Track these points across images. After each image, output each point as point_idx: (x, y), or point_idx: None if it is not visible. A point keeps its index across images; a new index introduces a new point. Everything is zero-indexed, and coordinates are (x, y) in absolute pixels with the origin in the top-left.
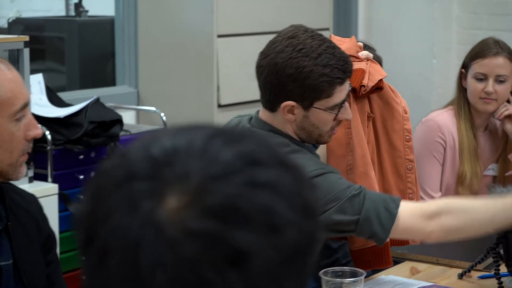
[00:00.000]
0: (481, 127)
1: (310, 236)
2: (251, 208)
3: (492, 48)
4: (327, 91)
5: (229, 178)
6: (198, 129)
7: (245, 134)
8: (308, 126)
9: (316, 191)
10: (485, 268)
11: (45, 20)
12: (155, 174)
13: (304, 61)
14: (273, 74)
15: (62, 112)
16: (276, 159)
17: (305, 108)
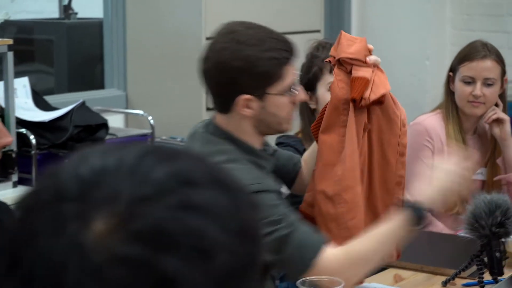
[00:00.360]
0: (470, 131)
1: (247, 261)
2: (181, 232)
3: (480, 51)
4: (277, 74)
5: (160, 199)
6: (130, 147)
7: (180, 152)
8: (267, 117)
9: (258, 210)
10: (469, 276)
11: (34, 23)
12: (83, 196)
13: (248, 50)
14: (221, 73)
15: (47, 116)
16: (213, 178)
17: (260, 98)
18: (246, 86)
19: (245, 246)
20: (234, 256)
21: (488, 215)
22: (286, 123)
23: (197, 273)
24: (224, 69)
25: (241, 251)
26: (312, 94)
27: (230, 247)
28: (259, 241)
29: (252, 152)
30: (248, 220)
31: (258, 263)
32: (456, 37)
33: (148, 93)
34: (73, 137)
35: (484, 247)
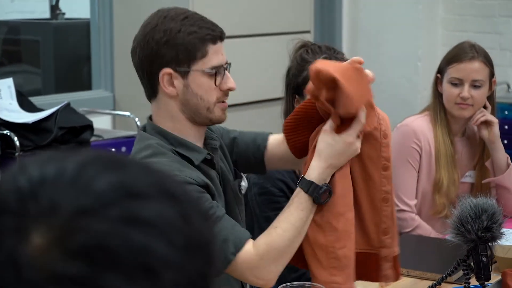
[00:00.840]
0: (458, 133)
1: (196, 276)
2: (124, 248)
3: (468, 52)
4: (200, 50)
5: (102, 212)
6: (72, 156)
7: (126, 161)
8: (191, 98)
9: (208, 221)
10: (456, 280)
11: (21, 23)
12: (21, 208)
13: (170, 23)
14: (144, 46)
15: (31, 118)
16: (160, 189)
17: (183, 75)
18: (167, 59)
19: (194, 261)
20: (182, 272)
21: (474, 219)
22: (218, 111)
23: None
24: (146, 42)
25: (190, 267)
26: (301, 98)
27: (178, 264)
28: (210, 255)
29: (180, 144)
30: (198, 233)
31: (209, 277)
32: (448, 38)
33: (135, 94)
34: (58, 138)
35: (471, 251)
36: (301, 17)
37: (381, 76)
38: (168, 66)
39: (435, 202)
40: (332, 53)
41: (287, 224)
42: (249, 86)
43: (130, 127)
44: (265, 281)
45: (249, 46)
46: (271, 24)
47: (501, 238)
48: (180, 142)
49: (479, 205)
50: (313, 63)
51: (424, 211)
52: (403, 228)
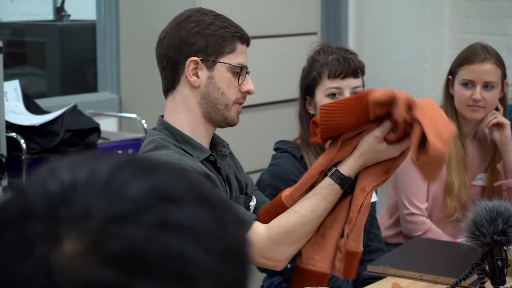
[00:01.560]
0: (470, 135)
1: (232, 284)
2: (159, 255)
3: (480, 53)
4: (229, 45)
5: (136, 218)
6: (103, 159)
7: (159, 165)
8: (213, 91)
9: (243, 226)
10: (470, 285)
11: (26, 25)
12: (52, 213)
13: (203, 16)
14: (175, 34)
15: (37, 120)
16: (195, 194)
17: (209, 66)
18: (197, 48)
19: (231, 268)
20: (219, 280)
21: (489, 222)
22: (234, 112)
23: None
24: (178, 31)
25: (226, 273)
26: (311, 99)
27: (214, 270)
28: (246, 261)
29: (185, 141)
30: (234, 239)
31: (244, 283)
32: (455, 39)
33: (141, 96)
34: (64, 141)
35: (486, 255)
36: (307, 18)
37: (387, 77)
38: (196, 55)
39: (446, 206)
40: (343, 53)
41: (309, 211)
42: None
43: (137, 130)
44: (275, 262)
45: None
46: (278, 26)
47: None
48: (185, 139)
49: (495, 208)
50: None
51: (435, 214)
52: (414, 231)
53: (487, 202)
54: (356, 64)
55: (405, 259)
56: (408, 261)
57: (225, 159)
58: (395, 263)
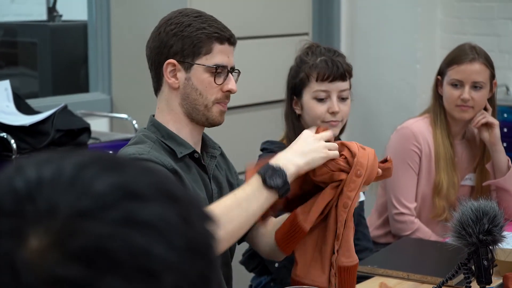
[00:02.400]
0: (458, 135)
1: (197, 280)
2: (123, 250)
3: (469, 54)
4: (205, 46)
5: (101, 214)
6: (70, 156)
7: (125, 162)
8: (191, 92)
9: (210, 222)
10: (457, 284)
11: (18, 25)
12: (17, 210)
13: (183, 18)
14: (157, 37)
15: (28, 120)
16: (160, 190)
17: (187, 68)
18: (174, 50)
19: (195, 264)
20: (183, 275)
21: (475, 222)
22: (216, 111)
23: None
24: (158, 34)
25: (191, 269)
26: (298, 99)
27: (178, 266)
28: (211, 257)
29: (170, 137)
30: (199, 235)
31: (210, 281)
32: (447, 40)
33: (133, 96)
34: (55, 141)
35: (472, 255)
36: (299, 19)
37: (380, 79)
38: (174, 57)
39: (435, 205)
40: (331, 55)
41: (231, 195)
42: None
43: (128, 130)
44: None
45: (247, 48)
46: (269, 26)
47: (502, 241)
48: (170, 135)
49: (480, 208)
50: (311, 64)
51: (424, 214)
52: (403, 231)
53: (473, 201)
54: (344, 67)
55: (392, 259)
56: (396, 260)
57: (213, 160)
58: (382, 262)
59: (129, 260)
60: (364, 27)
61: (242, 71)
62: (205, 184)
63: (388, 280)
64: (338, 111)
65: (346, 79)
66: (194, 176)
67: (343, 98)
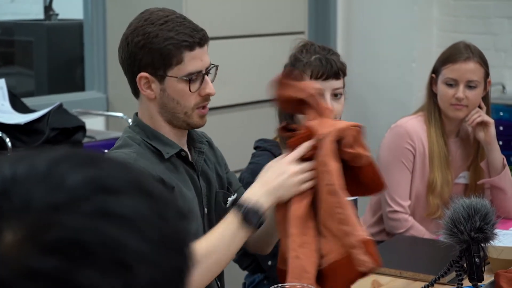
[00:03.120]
0: (452, 133)
1: (171, 273)
2: (97, 242)
3: (463, 52)
4: (175, 57)
5: (75, 207)
6: (44, 153)
7: (99, 158)
8: (168, 102)
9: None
10: (449, 282)
11: (14, 24)
12: None
13: (149, 27)
14: (125, 48)
15: (23, 119)
16: (134, 186)
17: (160, 80)
18: (144, 63)
19: (170, 259)
20: (157, 268)
21: (466, 220)
22: (197, 116)
23: (116, 287)
24: (127, 45)
25: (165, 262)
26: None
27: (152, 259)
28: (186, 252)
29: (155, 137)
30: (173, 230)
31: (185, 275)
32: (443, 39)
33: (128, 95)
34: (50, 140)
35: (463, 252)
36: (295, 18)
37: (376, 77)
38: (145, 70)
39: (428, 203)
40: (326, 53)
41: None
42: (243, 87)
43: (123, 128)
44: None
45: (243, 47)
46: (265, 25)
47: (494, 239)
48: (155, 135)
49: (472, 206)
50: (305, 62)
51: (418, 212)
52: (397, 229)
53: (465, 199)
54: (338, 65)
55: (385, 257)
56: (389, 258)
57: (201, 155)
58: None
59: (102, 252)
60: (360, 26)
61: (237, 70)
62: (193, 181)
63: (380, 277)
64: (332, 109)
65: (340, 78)
66: (181, 175)
67: (337, 96)
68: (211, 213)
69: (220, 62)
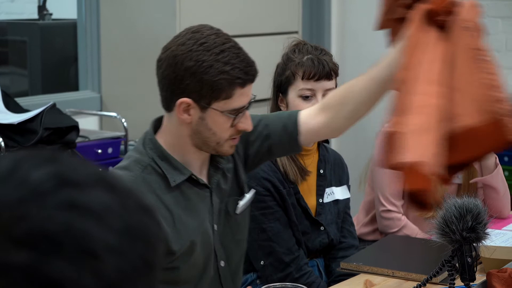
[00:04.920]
0: None
1: (138, 262)
2: (64, 233)
3: None
4: (226, 91)
5: (41, 200)
6: (8, 155)
7: (62, 156)
8: (204, 131)
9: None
10: (441, 281)
11: (7, 23)
12: None
13: (204, 55)
14: (172, 67)
15: (16, 118)
16: (97, 179)
17: (202, 108)
18: (191, 90)
19: (135, 246)
20: (124, 258)
21: (458, 219)
22: (228, 146)
23: (86, 276)
24: (175, 64)
25: (131, 251)
26: (283, 97)
27: (119, 249)
28: (152, 242)
29: (165, 159)
30: (136, 221)
31: (153, 266)
32: None
33: (122, 95)
34: (43, 139)
35: (455, 252)
36: (289, 17)
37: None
38: (189, 96)
39: None
40: (318, 53)
41: None
42: None
43: (117, 128)
44: None
45: None
46: (259, 24)
47: (486, 238)
48: (166, 157)
49: (464, 205)
50: (297, 63)
51: (411, 211)
52: (390, 228)
53: (457, 199)
54: (330, 66)
55: (378, 256)
56: (381, 258)
57: (218, 171)
58: (367, 260)
59: (70, 242)
60: (354, 26)
61: None
62: (204, 201)
63: (373, 277)
64: None
65: (332, 78)
66: (188, 202)
67: None
68: (220, 229)
69: None
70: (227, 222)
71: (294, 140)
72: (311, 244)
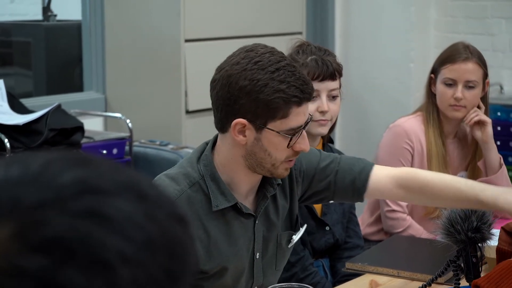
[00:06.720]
0: (451, 134)
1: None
2: (80, 242)
3: (462, 53)
4: (282, 110)
5: (61, 205)
6: (38, 155)
7: (94, 159)
8: (259, 152)
9: (184, 223)
10: (447, 281)
11: (12, 25)
12: None
13: (259, 74)
14: (226, 86)
15: (21, 119)
16: (126, 188)
17: (258, 129)
18: (246, 110)
19: (155, 259)
20: (141, 268)
21: (463, 220)
22: (283, 169)
23: (97, 286)
24: (229, 85)
25: (150, 264)
26: None
27: (135, 259)
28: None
29: (214, 180)
30: (163, 232)
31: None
32: (441, 39)
33: (127, 96)
34: (48, 140)
35: (460, 252)
36: (293, 18)
37: (374, 78)
38: (244, 116)
39: None
40: (322, 54)
41: None
42: None
43: (122, 129)
44: None
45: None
46: (263, 25)
47: (491, 238)
48: (216, 179)
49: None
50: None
51: (416, 212)
52: (395, 228)
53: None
54: (334, 66)
55: (383, 256)
56: (386, 258)
57: (265, 199)
58: (373, 260)
59: (85, 252)
60: (358, 26)
61: None
62: (246, 229)
63: (378, 277)
64: (327, 110)
65: (336, 78)
66: (229, 226)
67: (333, 97)
68: (266, 257)
69: (215, 64)
70: (276, 253)
71: (358, 196)
72: (316, 244)
